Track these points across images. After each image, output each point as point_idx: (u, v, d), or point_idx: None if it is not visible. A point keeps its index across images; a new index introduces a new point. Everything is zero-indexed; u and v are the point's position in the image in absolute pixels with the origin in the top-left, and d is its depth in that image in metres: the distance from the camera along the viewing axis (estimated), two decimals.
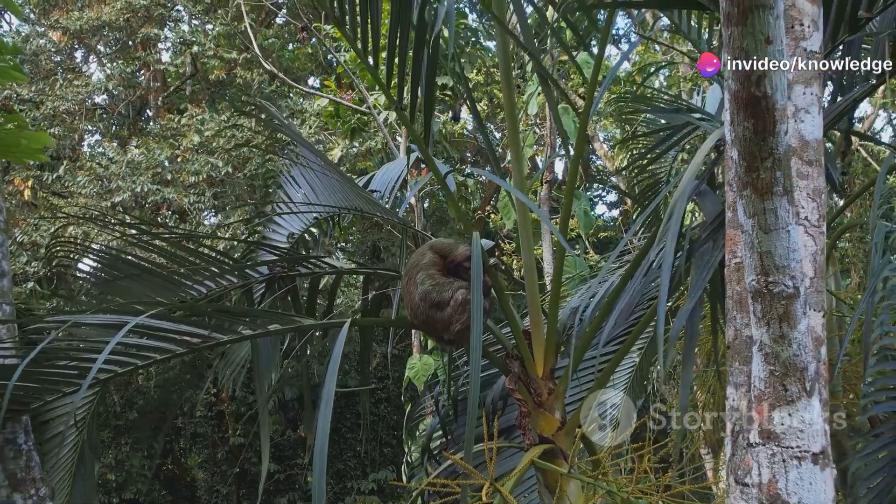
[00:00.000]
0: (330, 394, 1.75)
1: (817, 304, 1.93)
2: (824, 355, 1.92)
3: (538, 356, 2.46)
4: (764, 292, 1.72)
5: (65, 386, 2.25)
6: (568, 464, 2.19)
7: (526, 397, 2.40)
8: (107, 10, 11.96)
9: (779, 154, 1.61)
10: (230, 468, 12.36)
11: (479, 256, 2.12)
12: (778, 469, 1.81)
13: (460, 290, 2.31)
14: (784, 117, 1.59)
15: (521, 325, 2.49)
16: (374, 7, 2.27)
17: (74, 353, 2.43)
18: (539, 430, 2.37)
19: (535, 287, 2.49)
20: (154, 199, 10.62)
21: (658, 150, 3.84)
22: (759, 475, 1.84)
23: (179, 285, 2.94)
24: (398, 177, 3.17)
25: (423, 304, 2.32)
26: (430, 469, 2.97)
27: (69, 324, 2.09)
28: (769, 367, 1.80)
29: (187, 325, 2.19)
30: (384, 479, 11.77)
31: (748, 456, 1.85)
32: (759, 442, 1.84)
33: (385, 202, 3.02)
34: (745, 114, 1.61)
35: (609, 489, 1.93)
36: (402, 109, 2.35)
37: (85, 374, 2.13)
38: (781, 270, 1.70)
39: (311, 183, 3.17)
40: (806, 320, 1.77)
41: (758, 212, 1.66)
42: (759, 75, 1.56)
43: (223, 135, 10.75)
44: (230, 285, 2.82)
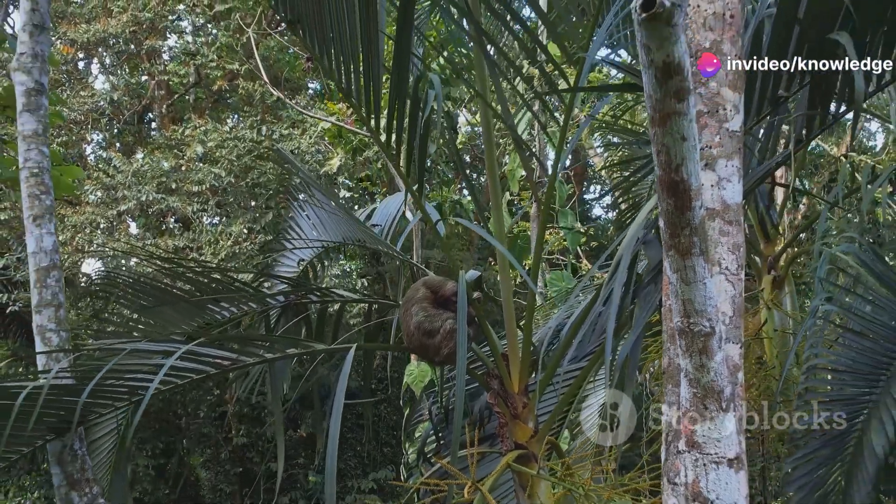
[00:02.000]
0: (338, 412, 2.19)
1: (736, 337, 2.38)
2: (741, 379, 2.37)
3: (514, 375, 2.90)
4: (687, 331, 2.17)
5: (117, 401, 2.70)
6: (538, 466, 2.65)
7: (504, 410, 2.85)
8: (113, 22, 12.39)
9: (695, 224, 2.06)
10: (233, 468, 12.78)
11: (465, 293, 2.57)
12: (700, 471, 2.27)
13: (448, 320, 2.75)
14: (698, 195, 2.04)
15: (500, 348, 2.95)
16: (377, 85, 2.71)
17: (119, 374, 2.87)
18: (515, 437, 2.81)
19: (511, 317, 2.95)
20: (159, 207, 11.07)
21: (636, 177, 4.31)
22: (685, 476, 2.30)
23: (204, 309, 3.39)
24: (397, 212, 3.63)
25: (417, 332, 2.77)
26: (424, 470, 3.42)
27: (127, 351, 2.54)
28: (693, 389, 2.25)
29: (218, 349, 2.63)
30: (384, 478, 12.17)
31: (677, 461, 2.31)
32: (685, 449, 2.29)
33: (385, 235, 3.48)
34: (668, 193, 2.05)
35: (568, 486, 2.37)
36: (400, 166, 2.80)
37: (133, 392, 2.58)
38: (700, 314, 2.15)
39: (319, 217, 3.62)
40: (722, 353, 2.23)
41: (680, 268, 2.11)
42: (677, 164, 2.00)
43: (226, 145, 11.21)
44: (249, 310, 3.27)
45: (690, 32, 2.40)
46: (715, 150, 2.36)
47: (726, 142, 2.38)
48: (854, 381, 3.14)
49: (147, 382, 2.74)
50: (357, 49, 2.71)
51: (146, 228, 11.17)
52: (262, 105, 12.38)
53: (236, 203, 11.46)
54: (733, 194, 2.39)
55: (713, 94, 2.39)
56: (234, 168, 11.21)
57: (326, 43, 2.75)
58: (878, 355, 3.18)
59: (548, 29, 2.65)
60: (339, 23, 2.70)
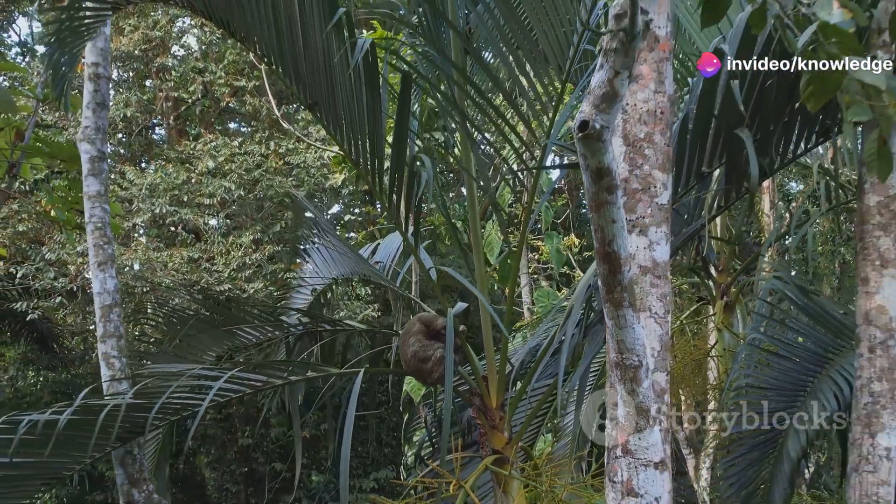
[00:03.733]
0: (349, 429, 2.84)
1: (663, 367, 3.04)
2: (667, 400, 3.04)
3: (492, 393, 3.55)
4: (620, 364, 2.83)
5: (169, 416, 3.36)
6: (510, 468, 3.30)
7: (484, 422, 3.50)
8: (124, 41, 13.04)
9: (624, 283, 2.71)
10: (239, 468, 13.43)
11: (452, 328, 3.23)
12: (633, 472, 2.92)
13: (438, 349, 3.41)
14: (626, 262, 2.69)
15: (480, 371, 3.61)
16: (380, 155, 3.37)
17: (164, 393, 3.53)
18: (493, 444, 3.46)
19: (490, 346, 3.61)
20: (171, 219, 11.75)
21: None
22: (622, 476, 2.95)
23: (234, 335, 4.06)
24: (396, 250, 4.30)
25: (413, 359, 3.43)
26: (420, 471, 4.09)
27: (187, 375, 3.21)
28: (626, 409, 2.91)
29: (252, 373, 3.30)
30: (384, 477, 12.82)
31: (615, 464, 2.96)
32: (621, 455, 2.95)
33: (386, 271, 4.15)
34: (603, 261, 2.70)
35: (531, 482, 3.02)
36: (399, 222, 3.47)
37: (184, 407, 3.25)
38: (630, 351, 2.81)
39: (331, 253, 4.28)
40: (649, 380, 2.88)
41: (614, 316, 2.77)
42: (609, 240, 2.65)
43: (235, 160, 11.89)
44: (272, 336, 3.94)
45: (629, 125, 3.05)
46: (647, 219, 3.02)
47: (656, 213, 3.04)
48: (778, 397, 3.80)
49: (190, 400, 3.42)
50: (364, 127, 3.37)
51: (159, 239, 11.86)
52: (268, 119, 13.07)
53: (244, 214, 12.15)
54: (662, 254, 3.05)
55: (646, 175, 3.05)
56: (243, 181, 11.90)
57: (338, 122, 3.40)
58: (799, 375, 3.85)
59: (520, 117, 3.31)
60: (349, 106, 3.36)
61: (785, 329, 3.92)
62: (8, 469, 3.11)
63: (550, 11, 3.12)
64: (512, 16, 3.25)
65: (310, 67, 3.34)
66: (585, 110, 2.31)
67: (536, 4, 3.12)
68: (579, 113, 2.32)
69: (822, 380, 3.73)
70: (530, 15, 3.18)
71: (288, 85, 3.40)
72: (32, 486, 3.34)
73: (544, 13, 3.09)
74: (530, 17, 3.19)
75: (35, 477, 3.33)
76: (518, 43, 3.28)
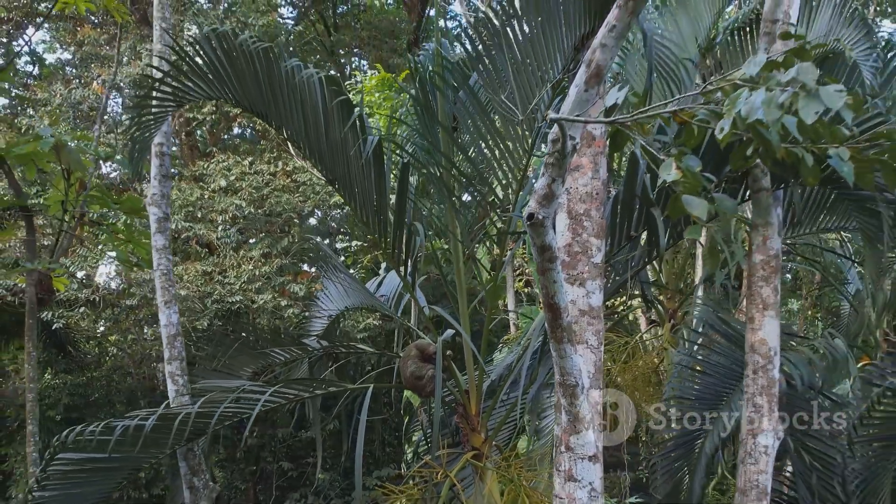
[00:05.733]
0: (361, 437, 3.90)
1: (597, 385, 4.12)
2: (599, 409, 4.13)
3: (472, 402, 4.62)
4: (563, 383, 3.88)
5: (223, 421, 4.44)
6: (485, 461, 4.38)
7: (465, 425, 4.58)
8: (142, 64, 14.08)
9: (564, 326, 3.78)
10: (248, 466, 14.42)
11: (441, 354, 4.32)
12: (572, 464, 3.98)
13: (430, 369, 4.49)
14: (565, 311, 3.75)
15: (463, 385, 4.70)
16: (385, 218, 4.46)
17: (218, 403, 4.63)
18: (472, 443, 4.55)
19: (471, 367, 4.68)
20: (186, 234, 12.83)
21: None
22: (565, 466, 4.03)
23: (265, 354, 5.15)
24: (398, 286, 5.40)
25: (411, 377, 4.51)
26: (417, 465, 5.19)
27: (239, 390, 4.28)
28: (567, 416, 3.97)
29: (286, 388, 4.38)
30: (386, 475, 13.83)
31: (560, 457, 4.04)
32: (564, 451, 4.02)
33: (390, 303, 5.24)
34: (548, 311, 3.76)
35: (503, 473, 4.08)
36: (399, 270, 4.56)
37: (235, 414, 4.35)
38: (570, 374, 3.87)
39: (343, 286, 5.37)
40: (584, 395, 3.96)
41: (557, 349, 3.81)
42: (552, 294, 3.73)
43: (245, 178, 12.97)
44: (297, 355, 5.03)
45: (572, 203, 4.13)
46: (585, 274, 4.08)
47: (592, 270, 4.11)
48: (700, 406, 4.90)
49: (239, 408, 4.52)
50: (371, 197, 4.47)
51: (175, 253, 12.93)
52: (276, 139, 14.14)
53: (254, 229, 13.22)
54: (596, 300, 4.12)
55: (585, 241, 4.12)
56: (253, 198, 12.98)
57: (352, 193, 4.49)
58: (718, 388, 4.94)
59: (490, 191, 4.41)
60: (361, 182, 4.45)
61: (709, 351, 5.01)
62: (106, 462, 4.20)
63: (511, 123, 4.21)
64: (487, 122, 4.35)
65: (330, 152, 4.41)
66: (532, 206, 3.34)
67: (503, 116, 4.22)
68: (527, 207, 3.35)
69: (736, 392, 4.82)
70: (501, 122, 4.28)
71: (313, 163, 4.46)
72: (121, 475, 4.43)
73: (511, 120, 4.17)
74: (501, 123, 4.30)
75: (123, 469, 4.41)
76: (488, 149, 4.39)
